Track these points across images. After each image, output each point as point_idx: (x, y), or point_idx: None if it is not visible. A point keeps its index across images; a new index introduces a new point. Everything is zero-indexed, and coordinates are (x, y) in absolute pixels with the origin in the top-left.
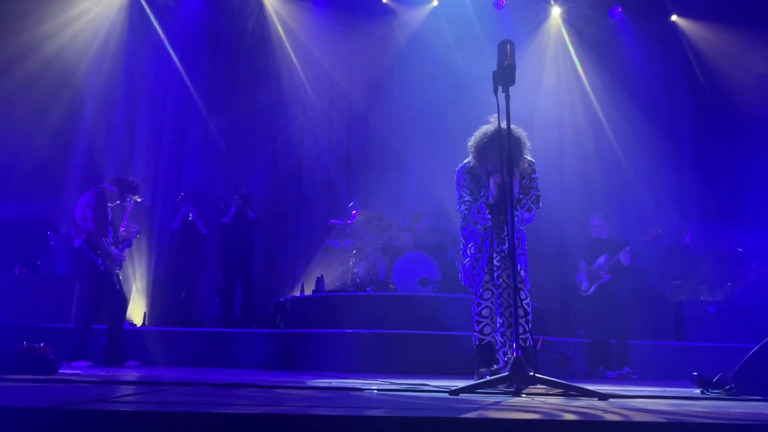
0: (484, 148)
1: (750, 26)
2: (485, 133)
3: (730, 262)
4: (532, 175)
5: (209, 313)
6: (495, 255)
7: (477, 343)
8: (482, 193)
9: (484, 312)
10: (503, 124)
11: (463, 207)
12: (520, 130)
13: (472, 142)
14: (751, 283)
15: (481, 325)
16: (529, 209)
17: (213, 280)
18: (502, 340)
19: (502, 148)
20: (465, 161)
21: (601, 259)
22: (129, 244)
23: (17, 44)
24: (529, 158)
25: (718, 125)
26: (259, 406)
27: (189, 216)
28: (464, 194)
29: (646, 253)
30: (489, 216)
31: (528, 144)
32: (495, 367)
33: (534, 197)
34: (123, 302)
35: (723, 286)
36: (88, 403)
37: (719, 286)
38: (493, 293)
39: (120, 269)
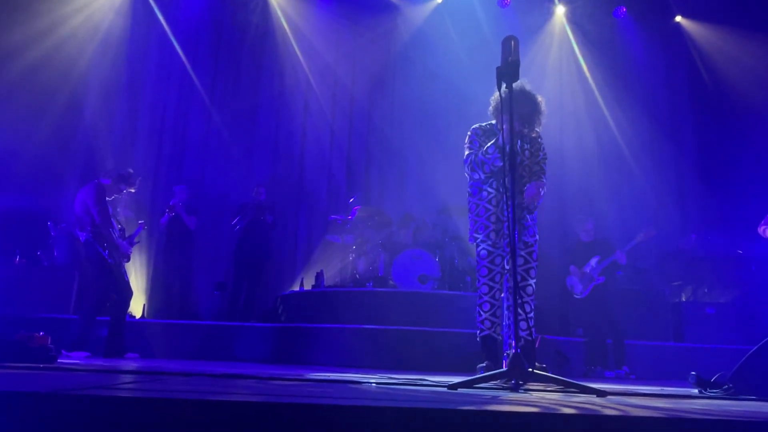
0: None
1: (754, 28)
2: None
3: (730, 264)
4: (538, 139)
5: (206, 305)
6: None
7: (478, 334)
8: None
9: (485, 306)
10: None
11: (470, 157)
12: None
13: (495, 97)
14: (750, 285)
15: (481, 318)
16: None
17: (211, 272)
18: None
19: (504, 149)
20: (481, 124)
21: (592, 261)
22: (132, 242)
23: (19, 35)
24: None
25: (720, 126)
26: (257, 395)
27: (177, 215)
28: (473, 147)
29: (644, 253)
30: (499, 155)
31: (544, 110)
32: (486, 363)
33: (543, 158)
34: (128, 294)
35: (722, 288)
36: (88, 389)
37: (718, 288)
38: (491, 288)
39: (127, 261)
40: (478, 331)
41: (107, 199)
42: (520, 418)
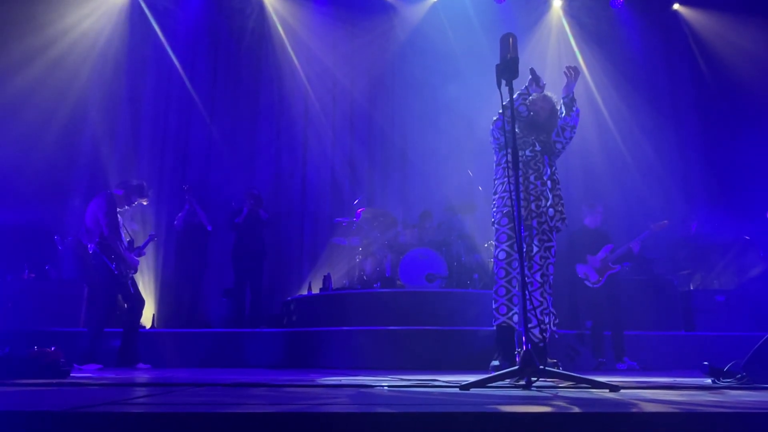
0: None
1: (751, 13)
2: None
3: (738, 250)
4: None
5: (216, 313)
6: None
7: (493, 322)
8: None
9: (500, 291)
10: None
11: (497, 129)
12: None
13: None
14: (759, 271)
15: (497, 304)
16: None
17: (219, 279)
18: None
19: (508, 142)
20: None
21: (605, 250)
22: (141, 253)
23: (19, 50)
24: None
25: (722, 113)
26: (270, 405)
27: (194, 212)
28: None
29: (651, 242)
30: (525, 107)
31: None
32: (499, 361)
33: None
34: (139, 305)
35: (731, 274)
36: (101, 406)
37: (728, 275)
38: (507, 272)
39: (135, 272)
40: (493, 320)
41: (118, 210)
42: (535, 419)
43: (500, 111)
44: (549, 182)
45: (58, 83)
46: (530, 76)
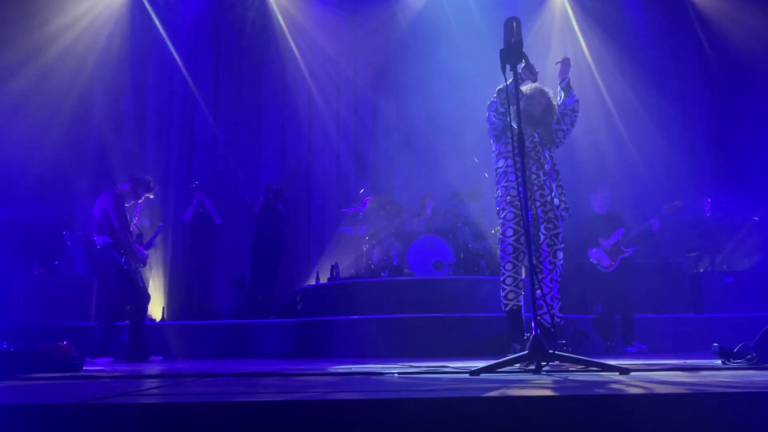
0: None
1: None
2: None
3: (746, 231)
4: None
5: (226, 304)
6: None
7: (503, 308)
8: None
9: (507, 281)
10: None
11: (492, 112)
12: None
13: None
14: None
15: (504, 292)
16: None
17: (228, 271)
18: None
19: (513, 131)
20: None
21: (617, 234)
22: (152, 245)
23: (22, 47)
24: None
25: (729, 93)
26: (282, 393)
27: (203, 205)
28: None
29: (664, 225)
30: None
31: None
32: (517, 345)
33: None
34: (145, 299)
35: (740, 255)
36: (115, 398)
37: (736, 256)
38: (515, 265)
39: (143, 267)
40: (503, 306)
41: (126, 204)
42: (545, 403)
43: (495, 95)
44: (551, 173)
45: (62, 79)
46: (523, 63)
